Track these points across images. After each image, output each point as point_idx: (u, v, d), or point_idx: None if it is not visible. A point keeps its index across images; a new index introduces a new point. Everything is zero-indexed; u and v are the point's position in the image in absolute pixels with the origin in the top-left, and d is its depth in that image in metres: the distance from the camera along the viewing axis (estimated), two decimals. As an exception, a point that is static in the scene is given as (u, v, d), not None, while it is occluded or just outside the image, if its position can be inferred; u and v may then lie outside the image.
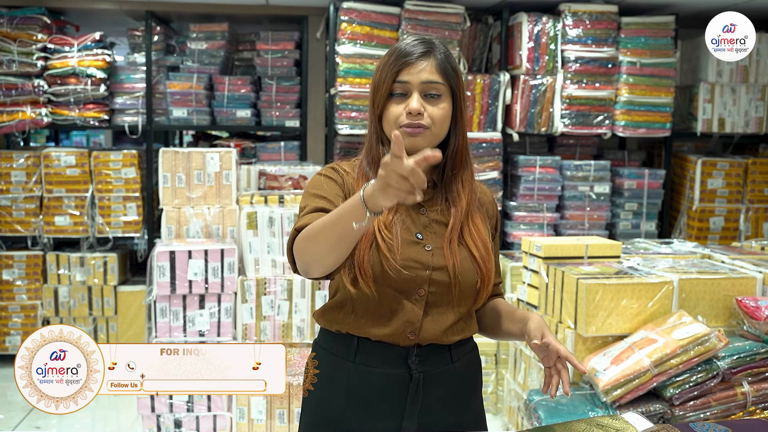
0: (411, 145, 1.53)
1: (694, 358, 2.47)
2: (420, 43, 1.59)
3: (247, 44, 5.17)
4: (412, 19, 4.42)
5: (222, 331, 3.47)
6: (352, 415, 1.60)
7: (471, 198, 1.64)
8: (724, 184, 4.92)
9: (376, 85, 1.60)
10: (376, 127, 1.61)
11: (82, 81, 4.67)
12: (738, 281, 2.83)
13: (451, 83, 1.59)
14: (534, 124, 4.60)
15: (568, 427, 1.61)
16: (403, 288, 1.56)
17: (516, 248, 4.56)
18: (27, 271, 4.75)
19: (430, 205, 1.64)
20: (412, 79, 1.55)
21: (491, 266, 1.62)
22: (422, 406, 1.60)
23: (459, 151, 1.63)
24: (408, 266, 1.55)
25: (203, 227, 3.65)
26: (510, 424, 3.36)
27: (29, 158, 4.72)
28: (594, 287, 2.68)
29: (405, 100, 1.56)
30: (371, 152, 1.63)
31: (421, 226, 1.61)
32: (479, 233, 1.62)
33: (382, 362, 1.58)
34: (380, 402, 1.59)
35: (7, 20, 4.66)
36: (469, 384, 1.69)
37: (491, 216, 1.72)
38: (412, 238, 1.58)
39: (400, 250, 1.55)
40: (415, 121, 1.54)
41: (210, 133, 5.47)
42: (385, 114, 1.58)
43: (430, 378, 1.60)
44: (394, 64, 1.57)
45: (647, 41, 4.64)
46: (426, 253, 1.58)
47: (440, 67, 1.57)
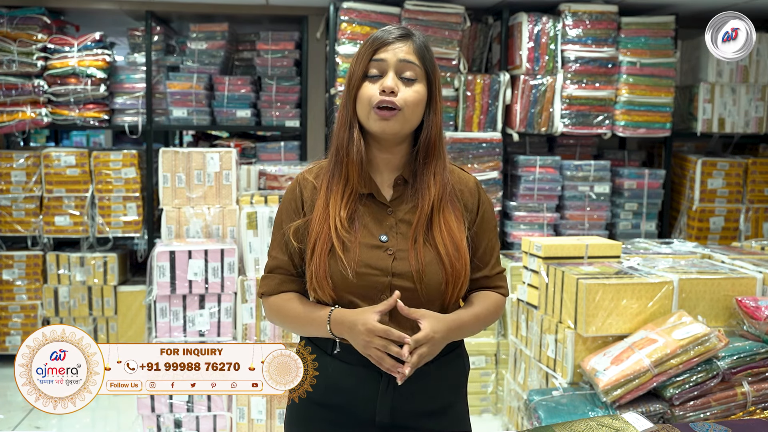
0: (381, 128, 1.55)
1: (694, 358, 2.47)
2: (397, 29, 1.60)
3: (247, 44, 5.17)
4: (412, 19, 4.42)
5: (222, 331, 3.47)
6: (329, 401, 1.61)
7: (442, 191, 1.59)
8: (724, 184, 4.92)
9: (352, 69, 1.59)
10: (349, 111, 1.59)
11: (82, 81, 4.67)
12: (738, 281, 2.83)
13: (428, 68, 1.58)
14: (534, 124, 4.60)
15: (568, 427, 1.61)
16: (364, 294, 1.55)
17: (516, 248, 4.56)
18: (27, 271, 4.75)
19: (398, 203, 1.61)
20: (389, 57, 1.55)
21: (461, 265, 1.57)
22: (394, 401, 1.59)
23: (432, 140, 1.60)
24: (366, 273, 1.55)
25: (203, 227, 3.65)
26: (510, 424, 3.36)
27: (29, 158, 4.72)
28: (594, 287, 2.68)
29: (379, 80, 1.55)
30: (337, 139, 1.61)
31: (386, 227, 1.59)
32: (449, 229, 1.58)
33: (356, 360, 1.57)
34: (354, 396, 1.60)
35: (7, 20, 4.66)
36: (447, 382, 1.66)
37: (471, 208, 1.66)
38: (375, 242, 1.57)
39: (358, 256, 1.54)
40: (388, 99, 1.52)
41: (210, 133, 5.47)
42: (359, 95, 1.56)
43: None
44: (372, 44, 1.57)
45: (647, 41, 4.64)
46: (387, 257, 1.56)
47: (418, 50, 1.58)
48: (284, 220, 1.65)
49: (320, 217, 1.58)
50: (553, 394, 2.69)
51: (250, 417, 3.46)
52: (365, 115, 1.56)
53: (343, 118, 1.61)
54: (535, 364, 3.06)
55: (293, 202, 1.65)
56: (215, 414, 3.42)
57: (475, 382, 4.04)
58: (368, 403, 1.60)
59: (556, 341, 2.87)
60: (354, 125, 1.59)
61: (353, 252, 1.55)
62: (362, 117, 1.58)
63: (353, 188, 1.59)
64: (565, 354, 2.78)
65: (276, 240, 1.67)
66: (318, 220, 1.58)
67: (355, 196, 1.59)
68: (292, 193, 1.66)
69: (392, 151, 1.62)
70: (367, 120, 1.57)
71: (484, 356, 4.05)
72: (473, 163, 4.51)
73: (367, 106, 1.55)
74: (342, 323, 1.53)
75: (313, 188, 1.64)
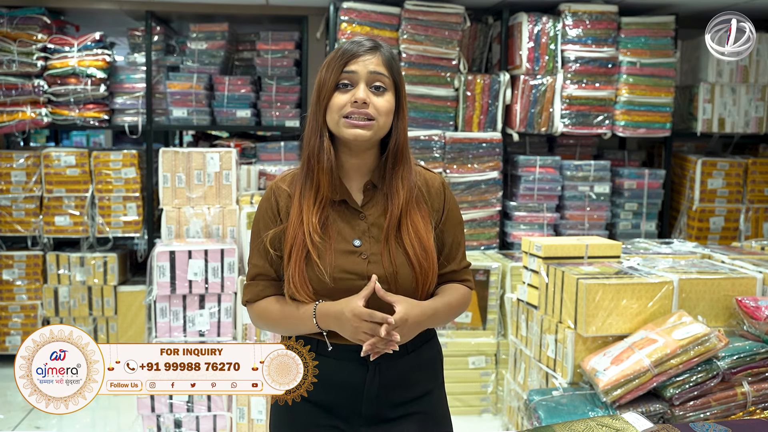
0: (354, 136, 1.61)
1: (694, 358, 2.47)
2: (366, 40, 1.68)
3: (247, 44, 5.17)
4: (412, 19, 4.42)
5: (222, 331, 3.47)
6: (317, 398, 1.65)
7: (409, 195, 1.68)
8: (724, 184, 4.92)
9: (322, 79, 1.65)
10: (319, 120, 1.65)
11: (82, 81, 4.67)
12: (738, 281, 2.83)
13: (396, 79, 1.67)
14: (534, 124, 4.60)
15: (568, 427, 1.62)
16: (341, 298, 1.60)
17: (516, 248, 4.56)
18: (27, 271, 4.75)
19: (369, 207, 1.69)
20: (360, 69, 1.62)
21: (429, 264, 1.66)
22: (379, 392, 1.67)
23: (400, 146, 1.68)
24: (342, 278, 1.62)
25: (203, 227, 3.65)
26: (510, 424, 3.36)
27: (29, 158, 4.72)
28: (594, 287, 2.68)
29: (350, 90, 1.62)
30: (308, 147, 1.67)
31: (360, 232, 1.66)
32: (416, 230, 1.66)
33: (340, 356, 1.66)
34: (340, 389, 1.67)
35: (7, 20, 4.66)
36: (427, 370, 1.75)
37: (437, 208, 1.74)
38: (349, 247, 1.64)
39: (334, 262, 1.62)
40: (360, 110, 1.60)
41: (210, 133, 5.47)
42: (330, 105, 1.63)
43: (384, 367, 1.66)
44: (342, 57, 1.64)
45: (647, 41, 4.64)
46: (362, 262, 1.63)
47: (386, 62, 1.65)
48: (261, 228, 1.71)
49: (294, 224, 1.65)
50: (553, 394, 2.69)
51: (250, 417, 3.46)
52: (335, 123, 1.63)
53: (312, 126, 1.67)
54: (535, 364, 3.06)
55: (269, 210, 1.70)
56: (215, 414, 3.42)
57: (475, 382, 4.04)
58: (354, 395, 1.67)
59: (556, 341, 2.87)
60: (324, 133, 1.65)
61: (329, 258, 1.63)
62: (332, 125, 1.64)
63: (324, 195, 1.65)
64: (565, 354, 2.78)
65: (255, 248, 1.72)
66: (293, 226, 1.65)
67: (327, 203, 1.66)
68: (268, 202, 1.72)
69: (361, 156, 1.69)
70: (338, 128, 1.63)
71: (484, 356, 4.05)
72: (473, 163, 4.51)
73: (338, 115, 1.62)
74: (328, 314, 1.59)
75: (287, 196, 1.69)
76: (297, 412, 1.68)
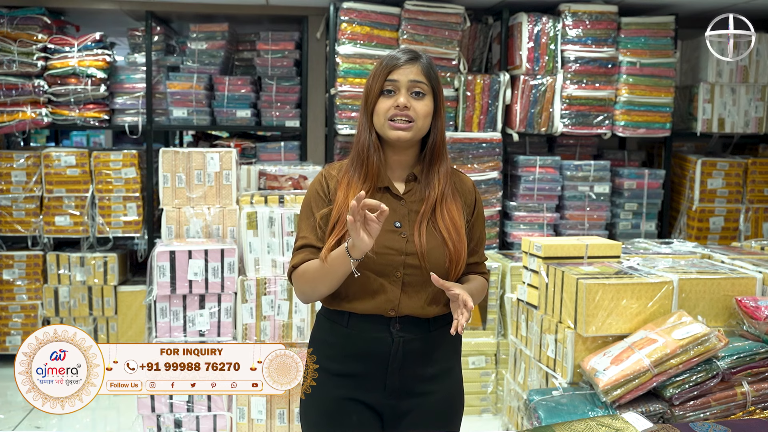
0: (397, 137, 1.84)
1: (694, 358, 2.47)
2: (409, 51, 1.91)
3: (247, 44, 5.17)
4: (412, 19, 4.42)
5: (222, 331, 3.47)
6: (346, 370, 1.86)
7: (445, 188, 1.90)
8: (724, 184, 4.92)
9: (369, 86, 1.89)
10: (368, 122, 1.88)
11: (82, 81, 4.67)
12: (738, 281, 2.83)
13: (434, 85, 1.89)
14: (534, 124, 4.60)
15: (568, 427, 1.62)
16: (381, 271, 1.81)
17: (516, 248, 4.56)
18: (27, 271, 4.76)
19: (410, 195, 1.90)
20: (401, 78, 1.85)
21: (461, 247, 1.86)
22: (403, 365, 1.85)
23: (437, 144, 1.90)
24: (384, 253, 1.82)
25: (203, 227, 3.65)
26: (510, 424, 3.36)
27: (29, 158, 4.72)
28: (594, 287, 2.68)
29: (393, 96, 1.85)
30: (359, 142, 1.90)
31: (400, 215, 1.87)
32: (452, 218, 1.87)
33: (369, 329, 1.84)
34: (368, 360, 1.85)
35: (8, 20, 4.66)
36: (447, 349, 1.93)
37: (469, 203, 1.96)
38: (391, 227, 1.84)
39: (378, 239, 1.77)
40: (402, 113, 1.83)
41: (210, 133, 5.47)
42: (376, 109, 1.86)
43: (409, 342, 1.85)
44: (386, 67, 1.87)
45: (647, 41, 4.64)
46: (401, 240, 1.84)
47: (425, 70, 1.88)
48: (313, 206, 1.91)
49: (340, 205, 1.85)
50: (553, 394, 2.69)
51: (250, 417, 3.46)
52: (381, 125, 1.86)
53: (362, 126, 1.90)
54: (535, 364, 3.06)
55: (321, 190, 1.91)
56: (215, 414, 3.42)
57: (475, 382, 4.04)
58: (380, 367, 1.85)
59: (556, 341, 2.87)
60: (372, 133, 1.88)
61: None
62: (378, 126, 1.87)
63: (372, 183, 1.87)
64: (565, 354, 2.78)
65: (304, 222, 1.92)
66: (338, 207, 1.85)
67: (372, 191, 1.87)
68: (319, 184, 1.92)
69: (404, 153, 1.91)
70: (383, 129, 1.86)
71: (484, 356, 4.05)
72: (473, 163, 4.51)
73: (383, 118, 1.85)
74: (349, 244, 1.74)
75: (337, 181, 1.91)
76: (323, 385, 1.86)
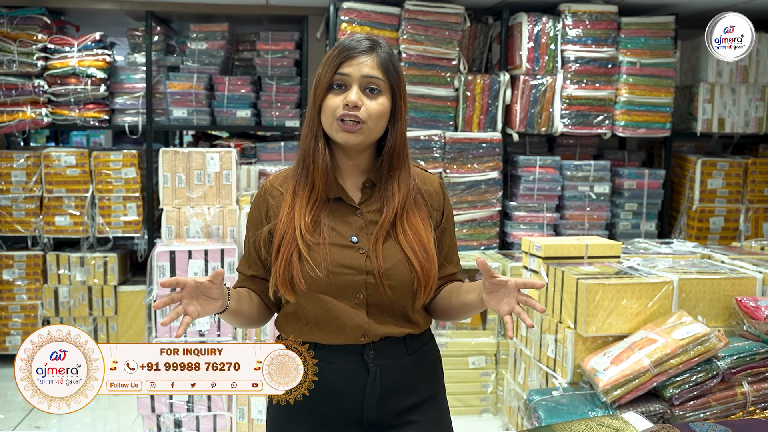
0: (344, 140, 1.58)
1: (694, 358, 2.47)
2: (365, 39, 1.63)
3: (247, 44, 5.17)
4: (412, 19, 4.42)
5: (222, 331, 3.47)
6: (316, 405, 1.61)
7: (405, 198, 1.64)
8: (724, 184, 4.92)
9: (318, 78, 1.62)
10: (314, 120, 1.62)
11: (82, 81, 4.67)
12: (738, 281, 2.83)
13: (392, 81, 1.61)
14: (534, 124, 4.60)
15: (568, 427, 1.62)
16: (339, 294, 1.59)
17: (516, 248, 4.56)
18: (27, 271, 4.76)
19: (367, 206, 1.65)
20: (353, 72, 1.58)
21: (431, 266, 1.62)
22: (381, 396, 1.63)
23: (396, 150, 1.64)
24: (340, 273, 1.58)
25: (203, 227, 3.65)
26: (510, 424, 3.36)
27: (29, 158, 4.72)
28: (594, 287, 2.68)
29: (344, 92, 1.58)
30: (304, 146, 1.64)
31: (356, 228, 1.62)
32: (415, 233, 1.62)
33: (339, 359, 1.62)
34: (340, 393, 1.62)
35: (8, 20, 4.66)
36: (427, 373, 1.72)
37: (437, 206, 1.71)
38: (346, 243, 1.61)
39: (330, 257, 1.58)
40: (351, 113, 1.56)
41: (210, 133, 5.47)
42: (324, 105, 1.59)
43: (386, 370, 1.63)
44: (337, 57, 1.59)
45: (647, 41, 4.64)
46: (360, 256, 1.59)
47: (382, 64, 1.60)
48: (249, 228, 1.71)
49: (285, 221, 1.61)
50: (553, 394, 2.69)
51: (250, 417, 3.46)
52: (329, 125, 1.60)
53: (308, 126, 1.64)
54: (535, 364, 3.07)
55: (257, 213, 1.69)
56: (215, 414, 3.42)
57: (475, 382, 4.04)
58: (355, 401, 1.63)
59: (556, 341, 2.87)
60: (319, 134, 1.62)
61: (323, 253, 1.58)
62: (326, 126, 1.61)
63: (319, 194, 1.62)
64: (565, 354, 2.78)
65: (245, 246, 1.73)
66: (282, 223, 1.62)
67: (321, 203, 1.63)
68: (256, 207, 1.70)
69: (357, 157, 1.66)
70: (331, 130, 1.60)
71: (484, 356, 4.05)
72: (473, 163, 4.51)
73: (331, 117, 1.58)
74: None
75: (279, 194, 1.67)
76: (295, 420, 1.64)
